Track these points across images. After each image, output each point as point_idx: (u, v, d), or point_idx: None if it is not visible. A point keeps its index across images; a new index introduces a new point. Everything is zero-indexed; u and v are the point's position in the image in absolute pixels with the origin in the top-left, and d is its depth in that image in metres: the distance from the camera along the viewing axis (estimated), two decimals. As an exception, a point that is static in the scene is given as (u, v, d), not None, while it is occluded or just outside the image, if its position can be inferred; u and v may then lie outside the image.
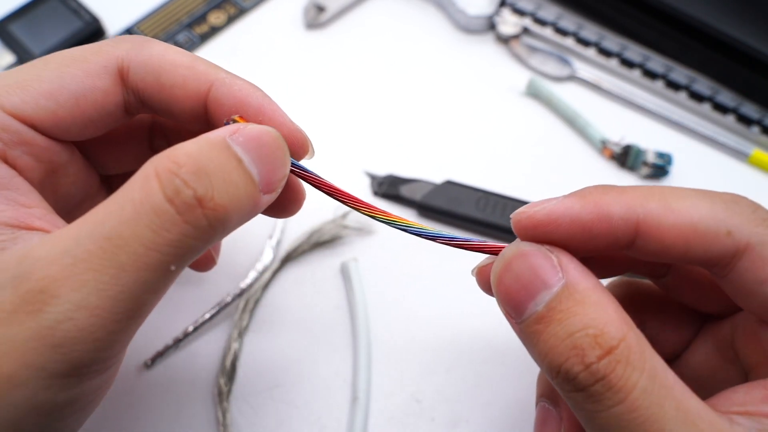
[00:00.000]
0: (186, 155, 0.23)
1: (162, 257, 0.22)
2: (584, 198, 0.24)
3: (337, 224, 0.44)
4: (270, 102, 0.28)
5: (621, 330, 0.22)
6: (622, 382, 0.21)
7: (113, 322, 0.22)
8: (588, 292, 0.23)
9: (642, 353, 0.22)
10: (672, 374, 0.22)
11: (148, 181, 0.22)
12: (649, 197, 0.24)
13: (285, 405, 0.39)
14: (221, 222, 0.23)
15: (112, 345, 0.23)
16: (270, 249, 0.43)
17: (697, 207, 0.24)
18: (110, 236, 0.22)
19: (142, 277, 0.22)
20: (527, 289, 0.24)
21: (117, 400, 0.39)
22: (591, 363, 0.21)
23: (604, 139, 0.49)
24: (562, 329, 0.22)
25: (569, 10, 0.54)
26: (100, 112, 0.28)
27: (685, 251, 0.24)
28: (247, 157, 0.24)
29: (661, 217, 0.24)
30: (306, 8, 0.55)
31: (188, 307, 0.42)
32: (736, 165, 0.49)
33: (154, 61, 0.27)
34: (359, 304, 0.41)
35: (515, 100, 0.52)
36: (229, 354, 0.39)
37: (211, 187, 0.23)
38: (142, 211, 0.22)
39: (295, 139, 0.28)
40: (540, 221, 0.24)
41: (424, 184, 0.46)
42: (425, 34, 0.55)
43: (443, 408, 0.39)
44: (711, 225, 0.24)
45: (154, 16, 0.55)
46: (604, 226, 0.24)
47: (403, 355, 0.41)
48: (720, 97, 0.50)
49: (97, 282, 0.22)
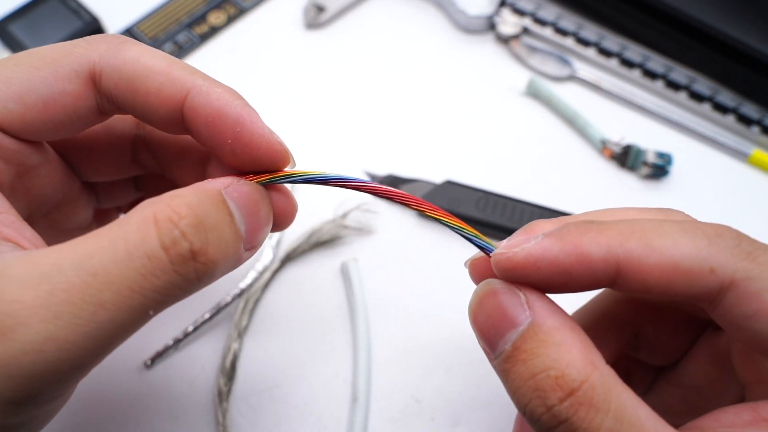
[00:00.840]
0: (187, 207, 0.23)
1: (145, 301, 0.22)
2: (562, 239, 0.24)
3: (337, 224, 0.44)
4: (249, 112, 0.27)
5: (584, 371, 0.22)
6: (585, 424, 0.21)
7: (81, 357, 0.22)
8: (552, 331, 0.23)
9: (607, 393, 0.21)
10: (645, 410, 0.22)
11: (146, 225, 0.22)
12: (629, 236, 0.23)
13: (285, 405, 0.39)
14: (208, 275, 0.23)
15: (74, 378, 0.23)
16: (270, 249, 0.43)
17: (679, 245, 0.23)
18: (97, 272, 0.21)
19: (120, 318, 0.22)
20: (497, 327, 0.24)
21: (117, 400, 0.39)
22: (552, 405, 0.22)
23: (604, 139, 0.48)
24: (526, 370, 0.22)
25: (569, 10, 0.54)
26: (70, 116, 0.27)
27: (668, 290, 0.23)
28: (238, 214, 0.25)
29: (641, 257, 0.23)
30: (306, 8, 0.55)
31: (188, 307, 0.42)
32: (736, 165, 0.49)
33: (128, 66, 0.26)
34: (359, 304, 0.41)
35: (515, 100, 0.52)
36: (228, 354, 0.39)
37: (206, 242, 0.23)
38: (135, 254, 0.22)
39: (275, 152, 0.27)
40: (518, 264, 0.24)
41: (424, 184, 0.46)
42: (425, 34, 0.55)
43: (443, 408, 0.39)
44: (693, 263, 0.23)
45: (153, 16, 0.55)
46: (584, 268, 0.23)
47: (403, 355, 0.41)
48: (720, 97, 0.50)
49: (73, 316, 0.21)
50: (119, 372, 0.39)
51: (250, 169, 0.28)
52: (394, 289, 0.43)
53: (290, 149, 0.28)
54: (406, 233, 0.45)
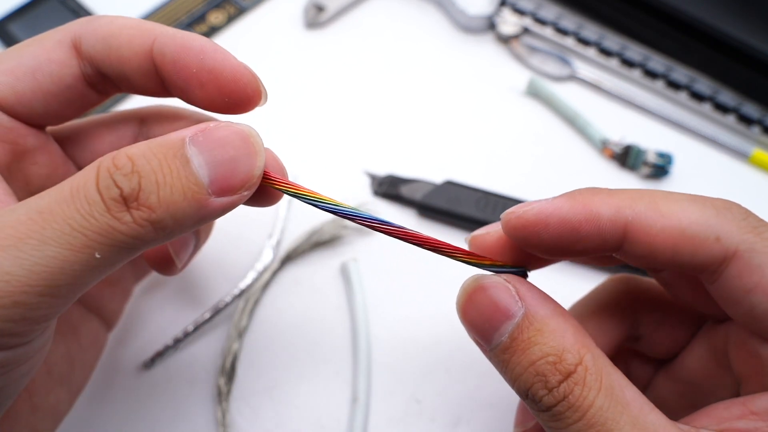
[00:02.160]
0: (126, 157, 0.23)
1: (87, 241, 0.22)
2: (573, 199, 0.25)
3: (337, 224, 0.44)
4: (213, 44, 0.28)
5: (578, 354, 0.23)
6: (579, 401, 0.23)
7: (22, 293, 0.22)
8: (546, 320, 0.24)
9: (598, 373, 0.23)
10: (631, 390, 0.23)
11: (90, 171, 0.23)
12: (638, 200, 0.24)
13: (284, 405, 0.39)
14: (149, 221, 0.23)
15: (16, 319, 0.22)
16: (269, 249, 0.43)
17: (687, 211, 0.24)
18: (42, 210, 0.22)
19: (62, 255, 0.22)
20: (490, 321, 0.25)
21: (117, 400, 0.39)
22: (553, 387, 0.23)
23: (604, 138, 0.48)
24: (526, 358, 0.24)
25: (569, 10, 0.54)
26: (58, 85, 0.28)
27: (673, 255, 0.24)
28: (198, 159, 0.24)
29: (649, 220, 0.24)
30: (306, 8, 0.55)
31: (188, 308, 0.42)
32: (737, 165, 0.49)
33: (103, 28, 0.28)
34: (359, 304, 0.41)
35: (515, 100, 0.52)
36: (228, 354, 0.39)
37: (137, 188, 0.23)
38: (76, 196, 0.23)
39: (242, 76, 0.28)
40: (529, 221, 0.25)
41: (424, 184, 0.46)
42: (425, 34, 0.55)
43: (443, 408, 0.39)
44: (700, 230, 0.24)
45: (153, 16, 0.55)
46: (593, 228, 0.24)
47: (403, 355, 0.41)
48: (720, 97, 0.50)
49: (16, 249, 0.22)
50: (119, 372, 0.39)
51: (221, 103, 0.28)
52: (394, 288, 0.43)
53: (260, 80, 0.29)
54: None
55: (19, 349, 0.24)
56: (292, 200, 0.46)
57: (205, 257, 0.44)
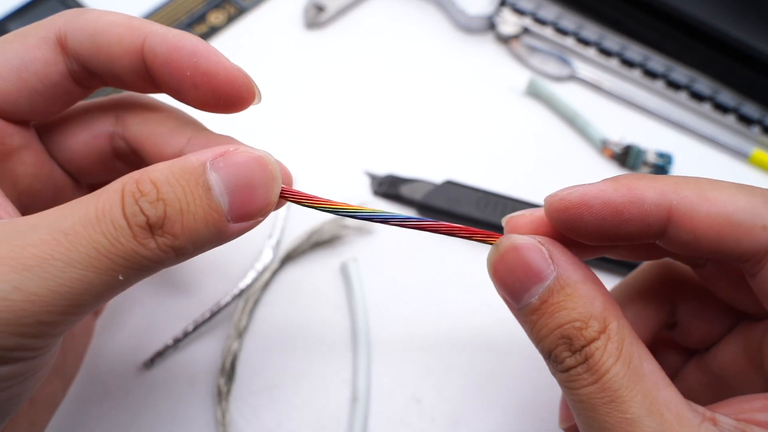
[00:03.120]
0: (151, 182, 0.24)
1: (112, 265, 0.23)
2: (617, 182, 0.25)
3: (337, 224, 0.44)
4: (206, 45, 0.28)
5: (603, 322, 0.24)
6: (597, 366, 0.23)
7: (47, 312, 0.22)
8: (577, 285, 0.24)
9: (620, 342, 0.24)
10: (650, 364, 0.24)
11: (115, 195, 0.23)
12: (683, 185, 0.24)
13: (284, 405, 0.39)
14: (172, 248, 0.24)
15: (39, 335, 0.23)
16: (269, 249, 0.43)
17: (734, 198, 0.23)
18: (68, 232, 0.22)
19: (87, 278, 0.22)
20: (521, 281, 0.25)
21: (116, 400, 0.39)
22: (576, 350, 0.24)
23: (604, 139, 0.48)
24: (553, 321, 0.24)
25: (569, 10, 0.54)
26: (44, 83, 0.28)
27: (718, 242, 0.24)
28: (219, 186, 0.24)
29: (694, 205, 0.24)
30: (306, 8, 0.55)
31: (187, 308, 0.42)
32: (737, 165, 0.49)
33: (90, 24, 0.27)
34: (359, 303, 0.41)
35: (515, 100, 0.52)
36: (228, 354, 0.39)
37: (162, 216, 0.23)
38: (103, 220, 0.23)
39: (235, 78, 0.28)
40: (572, 203, 0.25)
41: (424, 184, 0.46)
42: (425, 34, 0.55)
43: (444, 408, 0.39)
44: (746, 217, 0.23)
45: (153, 16, 0.55)
46: (637, 211, 0.24)
47: (403, 355, 0.40)
48: (720, 97, 0.50)
49: (41, 270, 0.22)
50: (119, 372, 0.39)
51: (215, 104, 0.28)
52: (394, 288, 0.43)
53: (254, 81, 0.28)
54: (406, 232, 0.45)
55: (36, 360, 0.24)
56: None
57: (204, 257, 0.43)
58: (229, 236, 0.25)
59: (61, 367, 0.33)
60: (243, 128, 0.38)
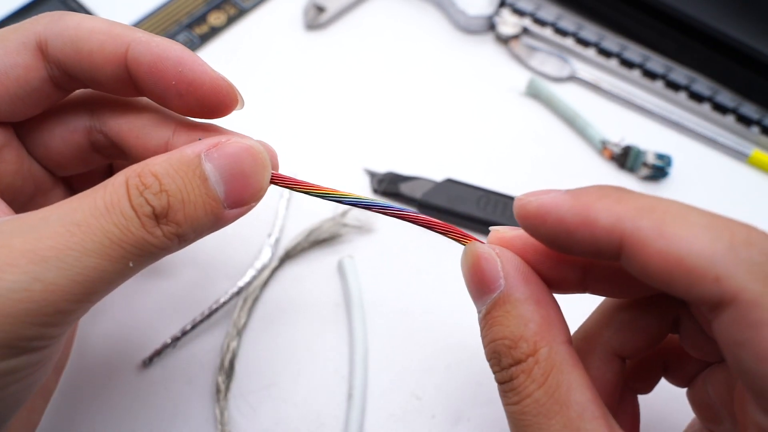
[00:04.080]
0: (152, 175, 0.25)
1: (124, 253, 0.24)
2: (576, 198, 0.24)
3: (337, 222, 0.44)
4: (190, 54, 0.28)
5: (533, 346, 0.24)
6: (520, 388, 0.24)
7: (65, 301, 0.23)
8: (517, 303, 0.25)
9: (548, 369, 0.24)
10: (581, 395, 0.23)
11: (121, 188, 0.25)
12: (644, 213, 0.22)
13: (283, 403, 0.39)
14: (176, 235, 0.26)
15: (56, 324, 0.24)
16: (268, 247, 0.43)
17: (693, 238, 0.21)
18: (80, 224, 0.24)
19: (102, 266, 0.24)
20: (477, 288, 0.27)
21: (115, 398, 0.38)
22: (503, 368, 0.25)
23: (604, 139, 0.48)
24: (491, 333, 0.25)
25: (569, 11, 0.54)
26: (25, 88, 0.28)
27: (668, 283, 0.22)
28: (215, 176, 0.26)
29: (648, 239, 0.22)
30: (306, 9, 0.55)
31: (186, 306, 0.41)
32: (736, 165, 0.49)
33: (71, 31, 0.28)
34: (355, 300, 0.41)
35: (515, 100, 0.52)
36: (227, 352, 0.39)
37: (167, 207, 0.25)
38: (113, 211, 0.24)
39: (219, 87, 0.28)
40: (529, 213, 0.25)
41: (424, 182, 0.46)
42: (425, 34, 0.55)
43: (444, 405, 0.39)
44: (700, 263, 0.21)
45: (153, 16, 0.55)
46: (588, 233, 0.23)
47: (403, 352, 0.40)
48: (720, 98, 0.50)
49: (59, 261, 0.23)
50: (117, 371, 0.39)
51: (199, 111, 0.29)
52: (395, 286, 0.43)
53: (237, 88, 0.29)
54: (405, 231, 0.44)
55: (52, 348, 0.25)
56: (291, 200, 0.45)
57: (204, 256, 0.43)
58: (226, 222, 0.27)
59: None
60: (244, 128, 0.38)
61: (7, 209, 0.28)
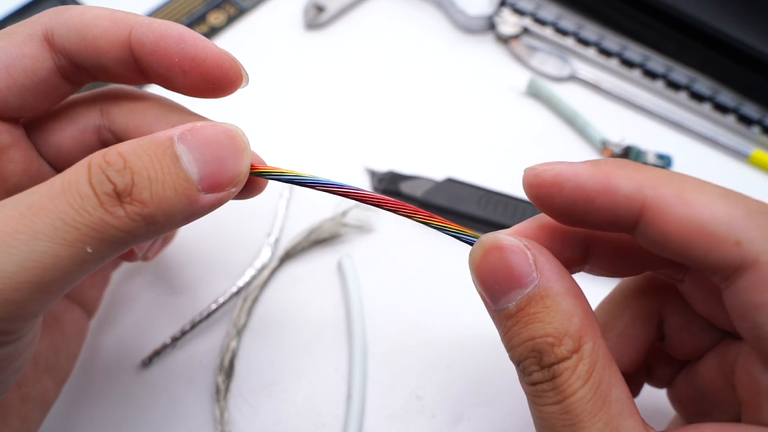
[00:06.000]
0: (118, 154, 0.24)
1: (79, 236, 0.23)
2: (596, 167, 0.24)
3: (337, 222, 0.44)
4: (191, 31, 0.28)
5: (578, 341, 0.23)
6: (564, 386, 0.23)
7: (12, 290, 0.22)
8: (558, 297, 0.23)
9: (592, 365, 0.23)
10: (619, 391, 0.23)
11: (81, 168, 0.24)
12: (665, 182, 0.23)
13: (283, 403, 0.39)
14: (142, 216, 0.24)
15: (9, 317, 0.22)
16: (268, 247, 0.43)
17: (713, 205, 0.22)
18: (32, 205, 0.22)
19: (54, 250, 0.22)
20: (501, 284, 0.24)
21: (114, 399, 0.38)
22: (545, 366, 0.23)
23: (604, 139, 0.48)
24: (527, 332, 0.24)
25: (569, 10, 0.54)
26: (33, 79, 0.28)
27: (687, 249, 0.22)
28: (188, 156, 0.25)
29: (669, 206, 0.22)
30: (306, 9, 0.55)
31: (186, 306, 0.41)
32: (737, 165, 0.49)
33: (76, 19, 0.28)
34: (354, 300, 0.41)
35: (515, 100, 0.52)
36: (227, 352, 0.39)
37: (130, 183, 0.23)
38: (68, 191, 0.23)
39: (223, 62, 0.28)
40: (545, 181, 0.24)
41: (424, 181, 0.46)
42: (425, 34, 0.55)
43: (444, 405, 0.39)
44: (721, 228, 0.21)
45: (153, 16, 0.55)
46: (608, 201, 0.23)
47: (403, 351, 0.40)
48: (720, 97, 0.50)
49: (6, 245, 0.22)
50: (117, 371, 0.39)
51: (204, 89, 0.29)
52: (396, 285, 0.43)
53: (241, 64, 0.29)
54: (405, 230, 0.44)
55: (11, 346, 0.24)
56: (291, 199, 0.45)
57: (204, 255, 0.43)
58: (201, 207, 0.26)
59: (52, 365, 0.33)
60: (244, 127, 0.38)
61: None
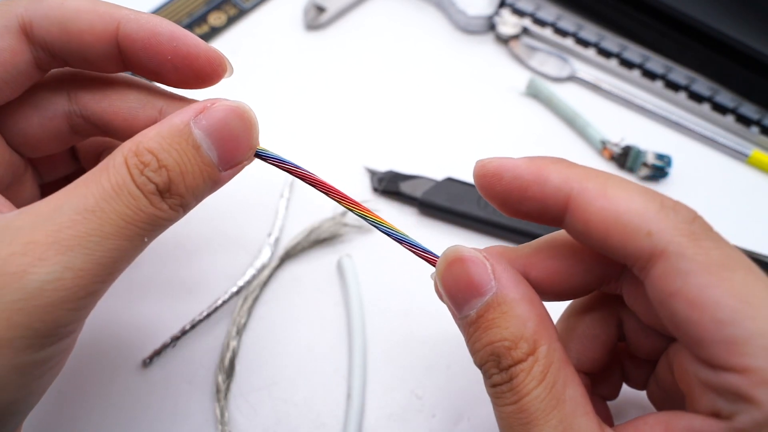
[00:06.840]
0: (148, 152, 0.26)
1: (139, 231, 0.26)
2: (532, 161, 0.26)
3: (337, 222, 0.44)
4: (180, 28, 0.29)
5: (533, 344, 0.25)
6: (520, 387, 0.24)
7: (94, 283, 0.25)
8: (513, 304, 0.25)
9: (546, 366, 0.24)
10: (573, 390, 0.24)
11: (122, 168, 0.26)
12: (590, 177, 0.25)
13: (283, 402, 0.39)
14: (184, 204, 0.27)
15: (86, 306, 0.25)
16: (268, 247, 0.43)
17: (629, 200, 0.24)
18: (94, 209, 0.25)
19: (122, 246, 0.25)
20: (463, 293, 0.26)
21: (115, 398, 0.38)
22: (502, 369, 0.25)
23: (604, 139, 0.48)
24: (486, 337, 0.25)
25: (569, 11, 0.54)
26: (11, 72, 0.28)
27: (605, 240, 0.24)
28: (206, 142, 0.27)
29: (591, 198, 0.24)
30: (306, 9, 0.55)
31: (186, 306, 0.41)
32: (736, 165, 0.49)
33: (56, 11, 0.28)
34: (354, 299, 0.41)
35: (515, 100, 0.52)
36: (227, 352, 0.39)
37: (168, 181, 0.26)
38: (121, 193, 0.25)
39: (212, 58, 0.29)
40: (488, 171, 0.26)
41: (424, 181, 0.46)
42: (425, 35, 0.55)
43: (445, 404, 0.39)
44: (634, 220, 0.24)
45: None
46: (539, 191, 0.25)
47: (403, 351, 0.40)
48: (719, 98, 0.50)
49: (83, 247, 0.24)
50: (118, 370, 0.39)
51: (193, 82, 0.29)
52: (395, 285, 0.43)
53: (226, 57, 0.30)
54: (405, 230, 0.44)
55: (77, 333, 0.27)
56: (291, 199, 0.46)
57: (204, 255, 0.43)
58: (222, 183, 0.28)
59: None
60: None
61: (6, 203, 0.28)
